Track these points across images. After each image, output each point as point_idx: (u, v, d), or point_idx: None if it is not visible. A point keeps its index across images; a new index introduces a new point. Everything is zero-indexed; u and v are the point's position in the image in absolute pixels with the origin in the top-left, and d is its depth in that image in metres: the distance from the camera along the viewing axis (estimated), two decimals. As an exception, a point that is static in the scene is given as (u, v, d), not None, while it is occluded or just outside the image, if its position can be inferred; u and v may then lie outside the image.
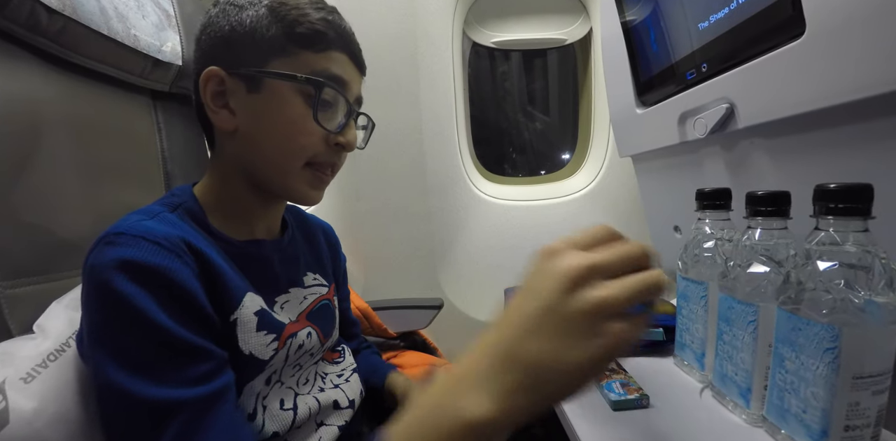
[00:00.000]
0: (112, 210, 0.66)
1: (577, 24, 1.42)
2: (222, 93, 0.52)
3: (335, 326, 0.64)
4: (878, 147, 0.46)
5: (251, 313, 0.48)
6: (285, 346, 0.51)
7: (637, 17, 0.80)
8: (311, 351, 0.57)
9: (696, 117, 0.68)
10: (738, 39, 0.57)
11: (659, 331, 0.69)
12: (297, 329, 0.54)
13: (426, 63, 1.27)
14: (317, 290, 0.62)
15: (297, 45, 0.51)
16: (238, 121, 0.52)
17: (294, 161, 0.53)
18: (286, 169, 0.53)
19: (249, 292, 0.49)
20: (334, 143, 0.54)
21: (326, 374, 0.61)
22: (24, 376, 0.44)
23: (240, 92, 0.51)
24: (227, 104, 0.52)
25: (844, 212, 0.38)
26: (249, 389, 0.48)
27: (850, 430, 0.38)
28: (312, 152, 0.53)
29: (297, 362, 0.55)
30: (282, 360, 0.52)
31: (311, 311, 0.59)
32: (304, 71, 0.50)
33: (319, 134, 0.52)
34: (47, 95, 0.60)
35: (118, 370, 0.39)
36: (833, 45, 0.44)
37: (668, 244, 0.94)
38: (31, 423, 0.42)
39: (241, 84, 0.51)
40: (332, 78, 0.52)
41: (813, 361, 0.39)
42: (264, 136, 0.52)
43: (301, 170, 0.53)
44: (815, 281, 0.39)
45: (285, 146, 0.52)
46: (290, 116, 0.51)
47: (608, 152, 1.38)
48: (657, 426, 0.49)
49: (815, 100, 0.48)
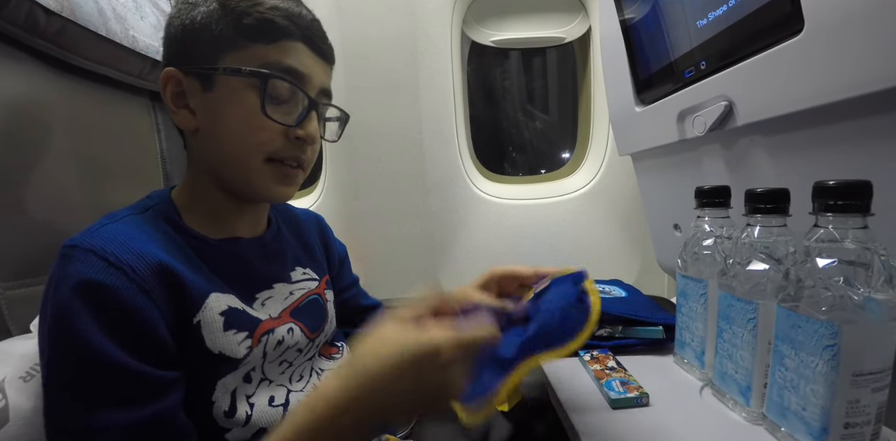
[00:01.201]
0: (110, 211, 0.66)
1: (575, 22, 1.42)
2: (182, 93, 0.51)
3: (326, 321, 0.64)
4: (878, 144, 0.46)
5: (216, 314, 0.48)
6: (260, 343, 0.51)
7: (636, 15, 0.80)
8: (296, 347, 0.56)
9: (695, 115, 0.67)
10: (736, 37, 0.57)
11: (659, 329, 0.69)
12: (274, 325, 0.53)
13: (425, 62, 1.27)
14: (305, 285, 0.62)
15: (247, 38, 0.50)
16: (198, 120, 0.52)
17: (253, 157, 0.52)
18: (246, 165, 0.52)
19: (215, 293, 0.49)
20: (294, 136, 0.52)
21: (322, 370, 0.60)
22: (24, 375, 0.44)
23: (196, 91, 0.51)
24: (187, 104, 0.52)
25: (843, 209, 0.38)
26: (223, 386, 0.48)
27: (850, 428, 0.38)
28: (271, 147, 0.52)
29: (283, 359, 0.55)
30: (259, 358, 0.51)
31: (297, 307, 0.59)
32: (255, 64, 0.49)
33: (276, 128, 0.51)
34: (46, 97, 0.60)
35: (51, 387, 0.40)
36: (832, 41, 0.44)
37: (667, 242, 0.94)
38: (31, 421, 0.42)
39: (196, 83, 0.51)
40: (286, 70, 0.51)
41: (813, 359, 0.39)
42: (222, 134, 0.51)
43: (262, 165, 0.52)
44: (814, 278, 0.39)
45: (242, 142, 0.51)
46: (242, 112, 0.50)
47: (608, 151, 1.38)
48: (657, 424, 0.49)
49: (814, 96, 0.48)
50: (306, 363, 0.59)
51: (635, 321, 0.70)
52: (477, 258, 1.36)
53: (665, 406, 0.53)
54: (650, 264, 1.35)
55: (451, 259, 1.36)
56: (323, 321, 0.63)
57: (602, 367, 0.61)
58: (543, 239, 1.37)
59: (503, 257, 1.36)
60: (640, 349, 0.69)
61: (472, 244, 1.36)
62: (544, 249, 1.37)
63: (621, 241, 1.38)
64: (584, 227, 1.38)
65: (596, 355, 0.65)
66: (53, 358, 0.40)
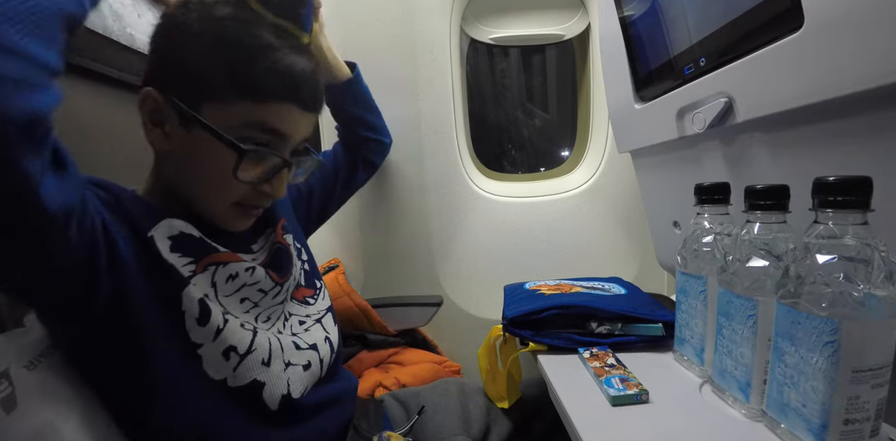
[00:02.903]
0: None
1: (574, 19, 1.42)
2: (159, 112, 0.51)
3: (292, 267, 0.65)
4: (877, 139, 0.45)
5: (164, 236, 0.49)
6: (206, 271, 0.52)
7: (635, 12, 0.79)
8: (256, 287, 0.57)
9: (695, 112, 0.67)
10: (736, 33, 0.57)
11: (658, 326, 0.69)
12: (228, 259, 0.54)
13: (424, 61, 1.27)
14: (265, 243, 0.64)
15: (237, 93, 0.49)
16: (171, 144, 0.52)
17: (221, 202, 0.54)
18: (213, 207, 0.54)
19: (169, 218, 0.50)
20: (261, 189, 0.54)
21: (292, 314, 0.61)
22: (27, 364, 0.45)
23: (173, 121, 0.50)
24: (161, 124, 0.51)
25: (843, 205, 0.38)
26: (187, 296, 0.49)
27: (850, 424, 0.38)
28: (238, 197, 0.54)
29: (243, 296, 0.55)
30: (207, 286, 0.52)
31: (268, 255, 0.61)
32: (238, 120, 0.49)
33: (244, 184, 0.52)
34: (43, 95, 0.60)
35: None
36: (832, 37, 0.44)
37: (667, 240, 0.94)
38: (38, 407, 0.43)
39: (175, 115, 0.50)
40: (269, 131, 0.51)
41: (812, 355, 0.39)
42: (194, 174, 0.53)
43: (228, 208, 0.54)
44: (814, 274, 0.39)
45: (212, 189, 0.53)
46: (215, 166, 0.50)
47: (607, 148, 1.37)
48: (656, 421, 0.49)
49: (814, 93, 0.47)
50: (276, 306, 0.60)
51: (635, 318, 0.70)
52: (477, 256, 1.36)
53: (665, 403, 0.53)
54: (650, 262, 1.35)
55: (451, 257, 1.36)
56: (290, 265, 0.64)
57: (601, 364, 0.61)
58: (543, 236, 1.37)
59: (503, 255, 1.36)
60: (640, 346, 0.69)
61: (471, 242, 1.36)
62: (544, 247, 1.37)
63: (621, 239, 1.38)
64: (583, 225, 1.38)
65: (595, 352, 0.65)
66: None
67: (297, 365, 0.56)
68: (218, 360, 0.50)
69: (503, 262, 1.36)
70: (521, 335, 0.71)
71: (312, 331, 0.62)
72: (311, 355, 0.59)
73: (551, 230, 1.37)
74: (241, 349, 0.51)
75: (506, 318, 0.73)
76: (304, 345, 0.59)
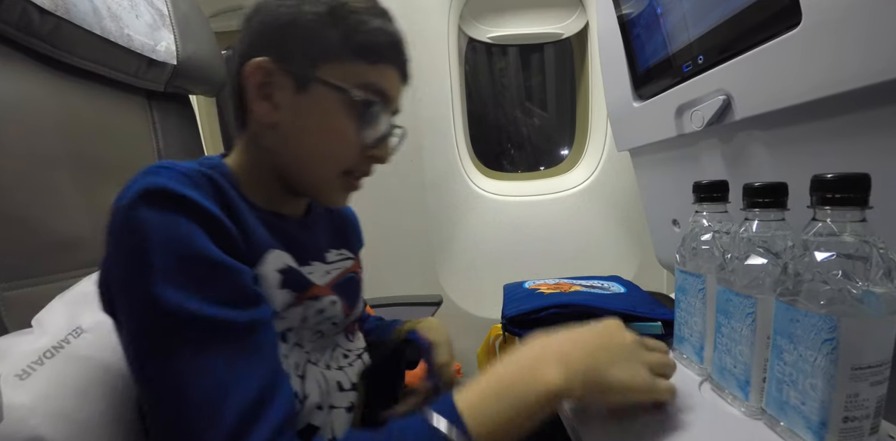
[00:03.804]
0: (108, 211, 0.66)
1: (573, 17, 1.42)
2: (268, 84, 0.50)
3: (359, 300, 0.65)
4: (876, 136, 0.45)
5: (273, 270, 0.48)
6: (303, 305, 0.51)
7: (633, 10, 0.79)
8: (332, 320, 0.57)
9: (693, 110, 0.67)
10: (734, 30, 0.57)
11: (657, 324, 0.69)
12: (321, 293, 0.54)
13: (422, 60, 1.26)
14: (341, 265, 0.62)
15: (353, 54, 0.49)
16: (279, 116, 0.50)
17: (330, 169, 0.53)
18: (321, 175, 0.53)
19: (275, 249, 0.49)
20: (369, 155, 0.54)
21: (339, 346, 0.60)
22: (20, 373, 0.43)
23: (286, 88, 0.50)
24: (270, 96, 0.50)
25: (842, 202, 0.38)
26: None
27: (850, 422, 0.38)
28: (349, 162, 0.53)
29: (319, 329, 0.55)
30: (298, 321, 0.51)
31: (337, 283, 0.60)
32: (354, 81, 0.49)
33: (357, 146, 0.52)
34: (41, 96, 0.60)
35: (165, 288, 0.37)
36: (830, 33, 0.44)
37: (666, 238, 0.94)
38: (27, 420, 0.41)
39: (289, 81, 0.49)
40: (379, 92, 0.51)
41: (811, 353, 0.39)
42: (304, 140, 0.51)
43: (336, 177, 0.53)
44: (812, 272, 0.39)
45: (324, 154, 0.52)
46: (333, 125, 0.50)
47: (606, 146, 1.37)
48: (656, 420, 0.49)
49: (813, 90, 0.47)
50: (333, 337, 0.59)
51: (634, 317, 0.70)
52: (476, 255, 1.36)
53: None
54: (649, 260, 1.35)
55: (450, 256, 1.36)
56: (357, 299, 0.65)
57: None
58: (542, 235, 1.37)
59: (502, 254, 1.36)
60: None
61: (470, 241, 1.36)
62: (543, 246, 1.36)
63: (620, 237, 1.38)
64: (582, 224, 1.38)
65: None
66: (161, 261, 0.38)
67: (341, 408, 0.55)
68: None
69: (502, 261, 1.36)
70: (520, 334, 0.71)
71: (355, 367, 0.61)
72: (352, 397, 0.57)
73: (550, 229, 1.37)
74: (300, 395, 0.50)
75: (505, 317, 0.73)
76: (347, 385, 0.57)
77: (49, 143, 0.60)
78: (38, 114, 0.59)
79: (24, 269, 0.54)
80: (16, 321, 0.51)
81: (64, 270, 0.58)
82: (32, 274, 0.54)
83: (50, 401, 0.44)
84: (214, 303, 0.39)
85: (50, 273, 0.56)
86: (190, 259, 0.39)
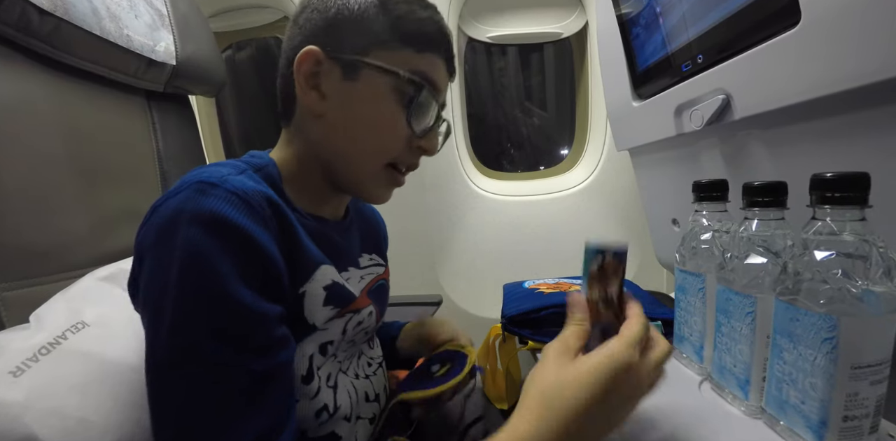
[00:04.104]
0: (108, 211, 0.66)
1: (572, 17, 1.42)
2: (316, 74, 0.50)
3: (386, 307, 0.65)
4: (875, 135, 0.45)
5: (320, 287, 0.48)
6: (344, 318, 0.51)
7: (632, 10, 0.79)
8: (366, 329, 0.56)
9: (693, 109, 0.67)
10: (733, 29, 0.57)
11: (657, 324, 0.69)
12: (361, 306, 0.54)
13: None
14: (373, 270, 0.62)
15: (401, 41, 0.49)
16: (327, 106, 0.50)
17: (375, 160, 0.52)
18: (365, 167, 0.52)
19: (324, 264, 0.49)
20: (416, 146, 0.52)
21: (362, 354, 0.60)
22: (14, 370, 0.43)
23: (334, 76, 0.49)
24: (318, 86, 0.50)
25: (841, 201, 0.38)
26: (301, 350, 0.47)
27: (849, 421, 0.38)
28: (395, 153, 0.52)
29: (353, 339, 0.55)
30: (339, 333, 0.51)
31: (371, 290, 0.59)
32: (401, 68, 0.49)
33: (404, 135, 0.51)
34: (41, 97, 0.60)
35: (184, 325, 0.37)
36: (829, 33, 0.44)
37: (666, 237, 0.94)
38: (20, 417, 0.41)
39: (337, 68, 0.49)
40: (428, 80, 0.50)
41: (811, 352, 0.39)
42: (351, 128, 0.50)
43: (380, 169, 0.52)
44: (812, 271, 0.39)
45: (371, 142, 0.51)
46: (382, 112, 0.50)
47: (606, 146, 1.37)
48: (656, 419, 0.49)
49: (812, 89, 0.47)
50: (360, 345, 0.59)
51: (634, 316, 0.70)
52: (476, 255, 1.36)
53: (664, 400, 0.53)
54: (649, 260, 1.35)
55: (450, 256, 1.36)
56: (385, 306, 0.65)
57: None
58: (542, 235, 1.37)
59: (502, 254, 1.36)
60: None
61: (470, 241, 1.36)
62: (543, 245, 1.36)
63: (619, 237, 1.38)
64: (582, 223, 1.38)
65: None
66: (185, 296, 0.37)
67: (365, 419, 0.55)
68: (309, 417, 0.48)
69: (502, 261, 1.36)
70: (520, 334, 0.71)
71: (379, 376, 0.61)
72: (375, 408, 0.57)
73: (550, 228, 1.37)
74: (331, 408, 0.49)
75: (505, 316, 0.73)
76: (372, 395, 0.57)
77: (48, 143, 0.60)
78: (37, 114, 0.59)
79: (24, 269, 0.54)
80: (15, 321, 0.51)
81: (63, 270, 0.58)
82: (32, 274, 0.54)
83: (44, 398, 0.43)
84: (231, 351, 0.38)
85: (49, 273, 0.56)
86: (216, 300, 0.37)
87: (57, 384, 0.45)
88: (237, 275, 0.38)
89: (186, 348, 0.37)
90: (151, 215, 0.41)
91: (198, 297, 0.37)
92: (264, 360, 0.39)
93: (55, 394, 0.45)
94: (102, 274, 0.59)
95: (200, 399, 0.37)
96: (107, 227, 0.65)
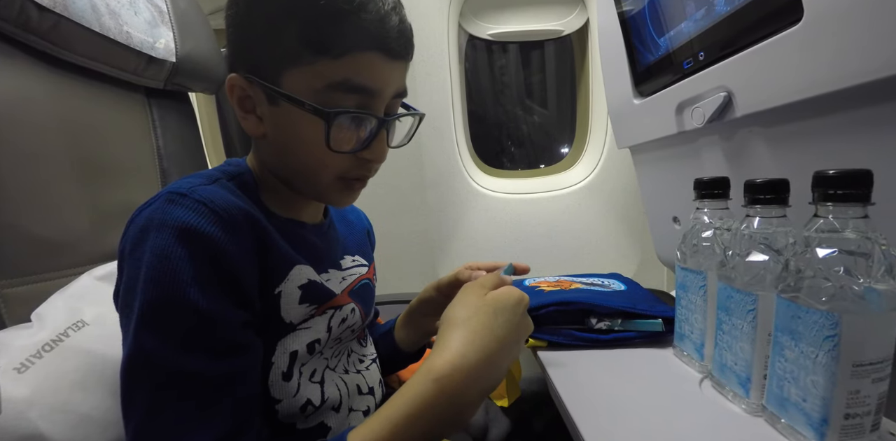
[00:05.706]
0: (107, 208, 0.66)
1: (573, 14, 1.41)
2: (248, 98, 0.49)
3: (373, 306, 0.66)
4: (878, 133, 0.45)
5: (295, 287, 0.49)
6: (325, 315, 0.52)
7: (634, 7, 0.79)
8: (351, 327, 0.57)
9: (694, 106, 0.67)
10: (735, 26, 0.56)
11: (658, 322, 0.68)
12: (342, 303, 0.55)
13: (422, 57, 1.26)
14: (356, 271, 0.63)
15: (314, 52, 0.44)
16: (266, 128, 0.50)
17: (322, 177, 0.51)
18: (317, 180, 0.51)
19: (299, 264, 0.50)
20: (362, 158, 0.50)
21: (353, 351, 0.61)
22: (18, 366, 0.44)
23: (262, 102, 0.48)
24: (253, 110, 0.49)
25: (843, 198, 0.38)
26: (282, 346, 0.48)
27: (851, 418, 0.38)
28: (340, 170, 0.50)
29: (339, 337, 0.56)
30: (324, 331, 0.51)
31: (353, 290, 0.60)
32: (321, 83, 0.45)
33: (344, 154, 0.49)
34: (40, 94, 0.59)
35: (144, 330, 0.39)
36: (832, 29, 0.44)
37: (667, 235, 0.94)
38: (24, 413, 0.41)
39: (261, 94, 0.48)
40: (355, 88, 0.46)
41: (812, 349, 0.39)
42: (293, 149, 0.50)
43: (333, 182, 0.51)
44: (814, 268, 0.39)
45: (312, 161, 0.49)
46: (308, 138, 0.47)
47: (606, 144, 1.37)
48: (657, 417, 0.49)
49: (814, 86, 0.47)
50: (348, 343, 0.60)
51: (634, 314, 0.70)
52: (476, 253, 1.36)
53: (664, 399, 0.53)
54: (649, 258, 1.35)
55: (451, 254, 1.36)
56: (371, 305, 0.65)
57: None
58: (542, 233, 1.37)
59: (503, 252, 1.36)
60: (640, 342, 0.69)
61: (471, 239, 1.36)
62: (543, 243, 1.36)
63: (620, 235, 1.38)
64: (583, 221, 1.37)
65: None
66: (147, 301, 0.39)
67: (359, 411, 0.56)
68: (294, 412, 0.49)
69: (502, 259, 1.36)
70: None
71: (372, 371, 0.62)
72: (369, 401, 0.58)
73: (551, 226, 1.37)
74: (317, 401, 0.50)
75: (506, 314, 0.73)
76: (365, 388, 0.58)
77: (48, 140, 0.60)
78: (36, 111, 0.59)
79: (24, 267, 0.54)
80: (15, 318, 0.51)
81: (63, 268, 0.58)
82: (32, 271, 0.54)
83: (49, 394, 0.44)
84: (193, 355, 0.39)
85: (49, 270, 0.56)
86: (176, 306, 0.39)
87: (60, 381, 0.46)
88: (200, 282, 0.39)
89: (147, 355, 0.38)
90: (128, 226, 0.43)
91: (158, 304, 0.39)
92: (223, 365, 0.40)
93: (59, 390, 0.45)
94: (100, 273, 0.59)
95: (156, 406, 0.38)
96: (107, 224, 0.65)
